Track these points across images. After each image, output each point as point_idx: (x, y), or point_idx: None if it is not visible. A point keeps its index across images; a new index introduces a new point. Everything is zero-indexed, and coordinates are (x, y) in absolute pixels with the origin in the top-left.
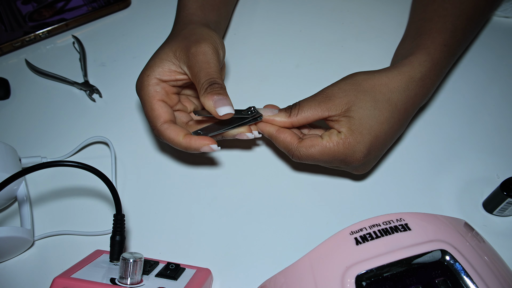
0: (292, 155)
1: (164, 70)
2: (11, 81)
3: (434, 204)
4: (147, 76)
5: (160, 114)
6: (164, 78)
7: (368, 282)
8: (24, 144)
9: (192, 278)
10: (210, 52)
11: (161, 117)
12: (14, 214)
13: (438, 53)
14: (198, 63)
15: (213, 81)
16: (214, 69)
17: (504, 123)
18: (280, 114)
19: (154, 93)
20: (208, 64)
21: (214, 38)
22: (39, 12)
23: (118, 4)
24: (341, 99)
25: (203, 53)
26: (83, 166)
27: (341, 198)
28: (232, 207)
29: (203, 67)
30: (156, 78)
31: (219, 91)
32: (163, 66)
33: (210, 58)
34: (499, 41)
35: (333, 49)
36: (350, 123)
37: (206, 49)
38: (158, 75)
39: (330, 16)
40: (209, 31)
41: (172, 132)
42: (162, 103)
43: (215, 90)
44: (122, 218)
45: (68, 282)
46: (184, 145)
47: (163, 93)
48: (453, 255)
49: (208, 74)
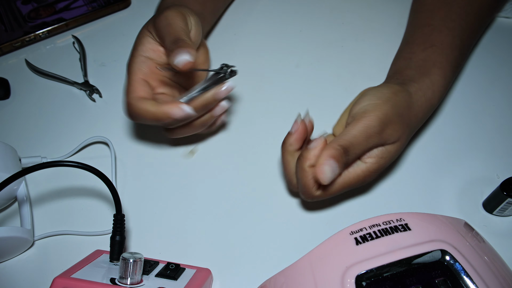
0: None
1: (146, 46)
2: (11, 81)
3: (434, 204)
4: (132, 55)
5: (134, 89)
6: (149, 55)
7: (368, 282)
8: (24, 144)
9: (192, 278)
10: (173, 15)
11: (135, 91)
12: (14, 214)
13: (451, 73)
14: (162, 27)
15: (175, 39)
16: (177, 28)
17: (504, 123)
18: (338, 164)
19: (137, 70)
20: (170, 26)
21: (181, 8)
22: (36, 11)
23: (118, 4)
24: (393, 130)
25: (165, 17)
26: (83, 166)
27: (341, 198)
28: (232, 207)
29: (167, 30)
30: (142, 56)
31: (180, 44)
32: (143, 43)
33: (172, 20)
34: (499, 41)
35: (333, 49)
36: (387, 153)
37: (169, 13)
38: (142, 52)
39: (330, 16)
40: (179, 6)
41: (143, 103)
42: (141, 80)
43: (176, 45)
44: (122, 218)
45: (68, 282)
46: (153, 114)
47: (147, 71)
48: (453, 255)
49: (170, 34)
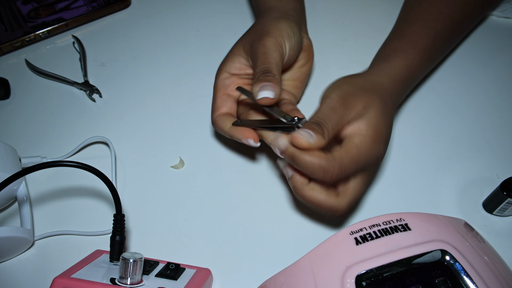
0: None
1: (235, 64)
2: (11, 81)
3: (434, 204)
4: (219, 70)
5: (219, 106)
6: (233, 72)
7: (368, 282)
8: (24, 144)
9: (192, 278)
10: (270, 45)
11: (219, 109)
12: (14, 214)
13: (417, 59)
14: (257, 55)
15: (266, 70)
16: (271, 60)
17: (504, 123)
18: (318, 139)
19: (221, 86)
20: (265, 55)
21: (280, 31)
22: (36, 11)
23: (118, 4)
24: (356, 100)
25: (263, 45)
26: (83, 166)
27: None
28: (232, 207)
29: (261, 58)
30: (227, 72)
31: (268, 78)
32: (234, 60)
33: (269, 49)
34: (498, 41)
35: (333, 49)
36: (367, 119)
37: (266, 42)
38: (228, 69)
39: (330, 16)
40: (278, 24)
41: (223, 122)
42: (225, 96)
43: (265, 78)
44: (122, 218)
45: (68, 282)
46: (228, 132)
47: (231, 87)
48: (453, 255)
49: (263, 63)
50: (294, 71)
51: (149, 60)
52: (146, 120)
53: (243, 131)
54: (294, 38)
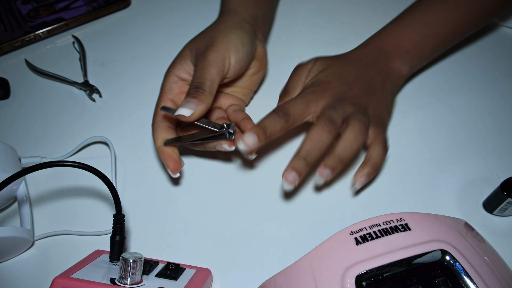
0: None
1: (184, 67)
2: (11, 81)
3: (434, 204)
4: (168, 72)
5: (161, 111)
6: (182, 76)
7: (368, 282)
8: (24, 144)
9: (192, 278)
10: (211, 59)
11: (160, 114)
12: (14, 214)
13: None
14: (196, 67)
15: (198, 85)
16: (207, 75)
17: (504, 123)
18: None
19: (167, 89)
20: (203, 69)
21: (226, 44)
22: (36, 10)
23: (118, 4)
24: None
25: (204, 59)
26: (83, 166)
27: (341, 198)
28: (232, 207)
29: (198, 72)
30: (176, 76)
31: (196, 94)
32: (182, 63)
33: (208, 64)
34: (499, 42)
35: (333, 49)
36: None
37: (208, 56)
38: (178, 72)
39: (330, 16)
40: (229, 34)
41: (157, 133)
42: (169, 101)
43: (194, 93)
44: (122, 218)
45: (68, 282)
46: (157, 150)
47: (177, 91)
48: (453, 255)
49: (198, 78)
50: (244, 79)
51: (149, 60)
52: (146, 120)
53: (167, 157)
54: (243, 50)
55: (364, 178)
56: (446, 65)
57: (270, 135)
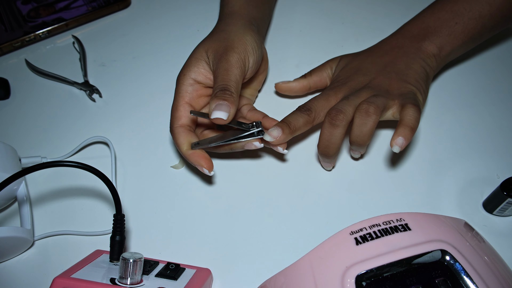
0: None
1: (200, 70)
2: (11, 81)
3: (434, 204)
4: (183, 75)
5: (181, 115)
6: (199, 79)
7: (368, 282)
8: (24, 144)
9: (192, 278)
10: (233, 61)
11: (181, 118)
12: (14, 214)
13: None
14: (219, 69)
15: (225, 87)
16: (232, 77)
17: (504, 123)
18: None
19: (184, 93)
20: (227, 71)
21: (245, 46)
22: (36, 10)
23: (118, 4)
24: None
25: (226, 60)
26: (83, 166)
27: (341, 198)
28: (232, 207)
29: (222, 74)
30: (192, 79)
31: (225, 96)
32: (198, 66)
33: (231, 66)
34: (499, 42)
35: (333, 49)
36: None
37: (230, 57)
38: (194, 75)
39: (330, 16)
40: (244, 35)
41: (181, 138)
42: (187, 105)
43: (222, 95)
44: (122, 218)
45: (68, 282)
46: (185, 155)
47: (194, 95)
48: (453, 255)
49: (223, 80)
50: (251, 80)
51: (149, 60)
52: (146, 120)
53: (199, 158)
54: (258, 51)
55: (401, 140)
56: (446, 65)
57: (294, 129)
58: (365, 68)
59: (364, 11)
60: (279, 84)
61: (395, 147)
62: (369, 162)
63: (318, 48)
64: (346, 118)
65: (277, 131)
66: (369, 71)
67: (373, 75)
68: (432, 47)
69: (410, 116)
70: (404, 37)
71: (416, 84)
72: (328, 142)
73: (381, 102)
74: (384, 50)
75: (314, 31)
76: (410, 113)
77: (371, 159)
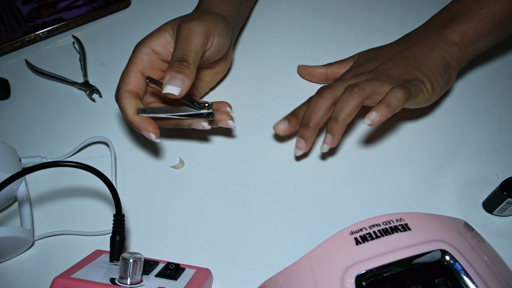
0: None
1: (160, 40)
2: (11, 81)
3: (434, 204)
4: (142, 42)
5: (130, 81)
6: (157, 49)
7: (368, 282)
8: (24, 144)
9: (192, 278)
10: (197, 30)
11: (129, 84)
12: (14, 214)
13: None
14: (180, 37)
15: (183, 58)
16: (192, 47)
17: (504, 123)
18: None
19: (138, 60)
20: (187, 40)
21: (214, 23)
22: (36, 10)
23: (118, 4)
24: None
25: (189, 28)
26: (83, 166)
27: (340, 198)
28: (232, 207)
29: (182, 42)
30: (150, 48)
31: (182, 68)
32: (159, 36)
33: (193, 34)
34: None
35: (333, 49)
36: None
37: (194, 26)
38: (153, 44)
39: (330, 16)
40: (216, 18)
41: (128, 103)
42: (139, 73)
43: (179, 67)
44: (122, 218)
45: (68, 282)
46: (130, 120)
47: (148, 65)
48: (453, 255)
49: (183, 49)
50: (208, 73)
51: None
52: None
53: (145, 123)
54: (225, 38)
55: (374, 115)
56: None
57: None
58: (378, 57)
59: (364, 11)
60: (301, 66)
61: (366, 120)
62: (369, 162)
63: (318, 48)
64: (333, 93)
65: (283, 123)
66: (381, 58)
67: (382, 61)
68: (453, 35)
69: (391, 95)
70: (426, 27)
71: (426, 72)
72: (311, 111)
73: (370, 86)
74: (403, 41)
75: (314, 31)
76: (393, 93)
77: (371, 159)
